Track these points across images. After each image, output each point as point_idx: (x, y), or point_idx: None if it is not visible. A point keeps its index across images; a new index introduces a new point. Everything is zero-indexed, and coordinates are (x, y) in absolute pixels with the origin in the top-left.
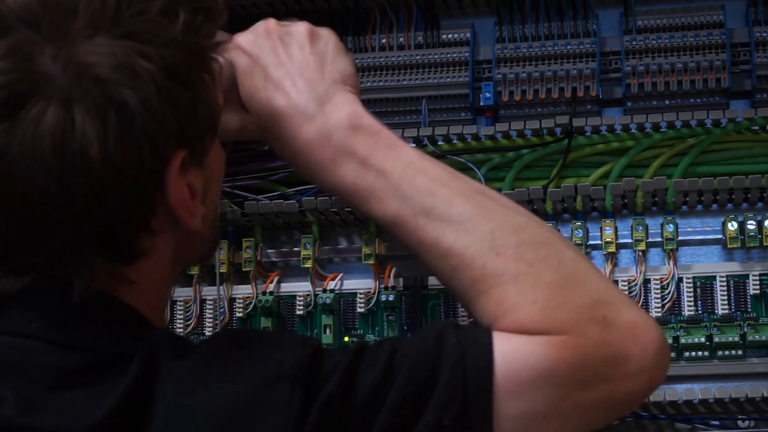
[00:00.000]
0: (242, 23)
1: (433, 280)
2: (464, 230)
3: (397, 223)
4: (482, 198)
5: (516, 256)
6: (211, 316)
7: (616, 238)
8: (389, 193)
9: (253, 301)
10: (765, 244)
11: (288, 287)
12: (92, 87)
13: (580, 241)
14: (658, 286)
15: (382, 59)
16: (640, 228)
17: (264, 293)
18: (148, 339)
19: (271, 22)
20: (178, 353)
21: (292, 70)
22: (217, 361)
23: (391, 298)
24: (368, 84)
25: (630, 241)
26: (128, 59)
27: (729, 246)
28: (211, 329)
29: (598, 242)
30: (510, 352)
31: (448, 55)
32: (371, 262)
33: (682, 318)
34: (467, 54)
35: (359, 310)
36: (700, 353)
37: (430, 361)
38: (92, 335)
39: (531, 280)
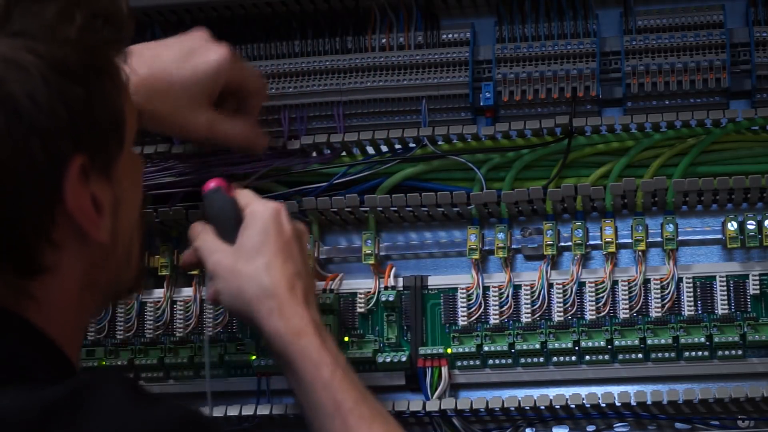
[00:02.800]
0: (242, 23)
1: (433, 280)
2: None
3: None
4: None
5: None
6: (210, 316)
7: (616, 238)
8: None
9: None
10: (765, 244)
11: None
12: None
13: (580, 241)
14: (658, 286)
15: (382, 59)
16: (640, 228)
17: None
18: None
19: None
20: (136, 400)
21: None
22: None
23: (391, 298)
24: (368, 84)
25: (630, 241)
26: (15, 54)
27: (729, 246)
28: (210, 329)
29: (598, 242)
30: None
31: (448, 55)
32: (371, 262)
33: (682, 318)
34: (467, 54)
35: (359, 310)
36: (700, 353)
37: None
38: None
39: None
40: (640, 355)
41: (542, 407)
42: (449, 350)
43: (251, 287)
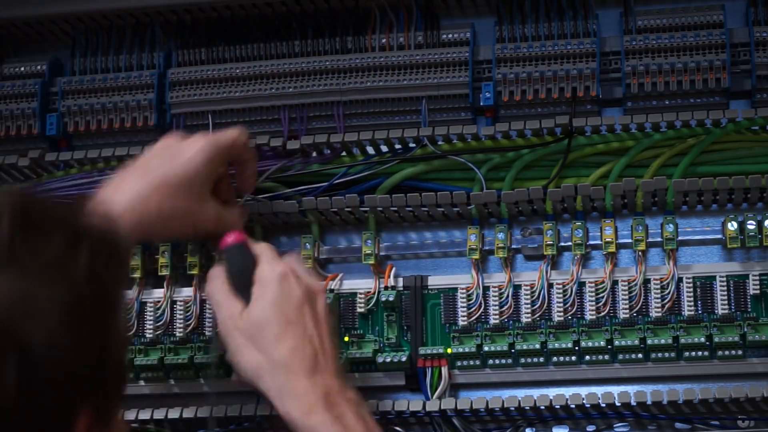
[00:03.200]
0: (242, 23)
1: (433, 280)
2: None
3: None
4: None
5: None
6: (210, 316)
7: (616, 238)
8: None
9: None
10: (765, 244)
11: None
12: None
13: (580, 241)
14: (658, 286)
15: (382, 59)
16: (640, 228)
17: None
18: None
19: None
20: None
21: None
22: None
23: (391, 298)
24: (368, 84)
25: (630, 241)
26: (29, 295)
27: (729, 246)
28: (210, 329)
29: (598, 242)
30: None
31: (448, 55)
32: (371, 262)
33: (682, 318)
34: (467, 54)
35: (359, 310)
36: (700, 353)
37: None
38: None
39: None
40: (640, 355)
41: (542, 407)
42: (449, 350)
43: (261, 362)
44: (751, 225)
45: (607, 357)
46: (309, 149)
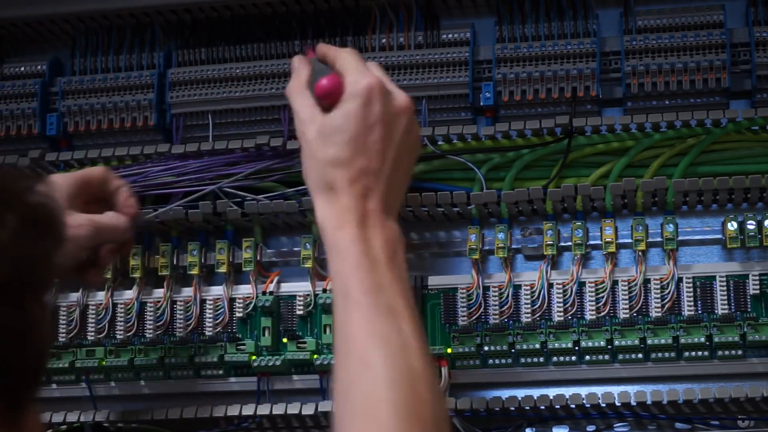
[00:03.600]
0: (242, 23)
1: (432, 280)
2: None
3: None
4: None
5: None
6: (211, 316)
7: (616, 238)
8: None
9: (253, 301)
10: (765, 244)
11: (288, 287)
12: None
13: (580, 241)
14: (658, 286)
15: (382, 59)
16: (640, 228)
17: (264, 293)
18: None
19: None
20: None
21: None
22: None
23: None
24: None
25: (630, 241)
26: None
27: (729, 246)
28: (211, 329)
29: (598, 242)
30: None
31: (448, 55)
32: None
33: (682, 318)
34: (467, 54)
35: None
36: (700, 353)
37: None
38: None
39: None
40: (640, 355)
41: (542, 407)
42: (449, 350)
43: (317, 176)
44: (751, 225)
45: (607, 357)
46: None
